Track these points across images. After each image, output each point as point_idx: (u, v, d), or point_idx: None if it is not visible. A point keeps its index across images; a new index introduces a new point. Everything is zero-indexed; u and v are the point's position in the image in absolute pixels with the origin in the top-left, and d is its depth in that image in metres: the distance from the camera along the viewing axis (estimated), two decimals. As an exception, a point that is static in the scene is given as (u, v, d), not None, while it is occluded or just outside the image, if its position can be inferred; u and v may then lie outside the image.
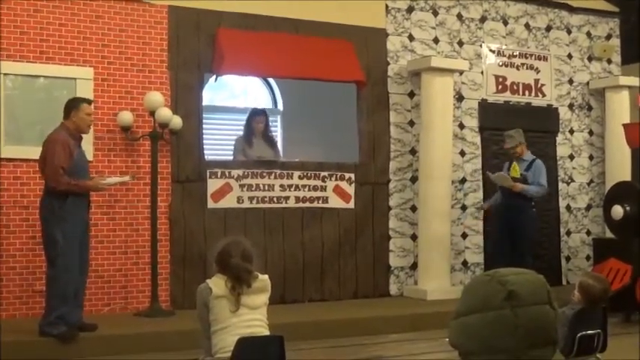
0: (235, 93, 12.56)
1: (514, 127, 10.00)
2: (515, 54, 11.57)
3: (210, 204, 9.36)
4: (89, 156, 8.44)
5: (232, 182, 9.46)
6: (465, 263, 10.95)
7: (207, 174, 9.36)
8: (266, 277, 4.83)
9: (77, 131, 7.62)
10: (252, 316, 4.70)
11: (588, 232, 12.04)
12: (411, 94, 10.70)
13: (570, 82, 12.05)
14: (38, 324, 7.46)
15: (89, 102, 7.88)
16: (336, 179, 10.08)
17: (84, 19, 8.80)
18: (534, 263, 9.60)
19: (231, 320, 4.62)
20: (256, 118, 10.03)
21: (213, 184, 9.38)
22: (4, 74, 8.42)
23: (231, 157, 9.98)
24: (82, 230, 7.59)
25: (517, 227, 9.81)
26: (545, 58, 11.83)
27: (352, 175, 10.19)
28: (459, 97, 11.02)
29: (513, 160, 10.02)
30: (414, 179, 10.61)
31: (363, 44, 10.37)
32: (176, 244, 9.13)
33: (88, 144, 8.41)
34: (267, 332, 4.77)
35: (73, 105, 7.66)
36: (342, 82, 10.20)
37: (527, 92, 11.64)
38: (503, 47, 11.49)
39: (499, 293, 2.03)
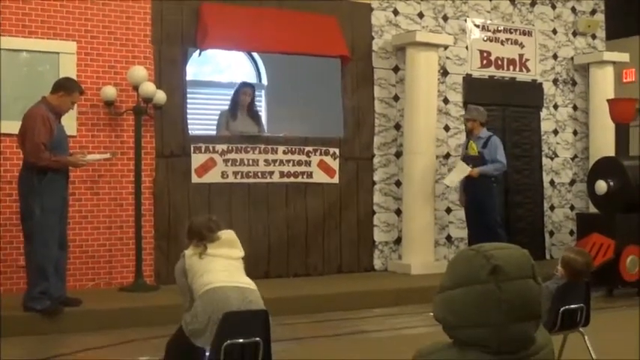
0: (220, 68, 12.50)
1: (499, 102, 9.99)
2: (499, 29, 11.55)
3: (195, 179, 9.33)
4: (73, 131, 8.40)
5: (216, 157, 9.43)
6: (448, 238, 10.98)
7: (192, 149, 9.32)
8: (231, 231, 5.15)
9: (57, 109, 7.55)
10: (227, 262, 4.93)
11: (572, 207, 12.10)
12: (396, 69, 10.68)
13: (555, 57, 12.06)
14: (22, 299, 7.44)
15: (82, 92, 7.83)
16: (320, 154, 10.06)
17: (66, -8, 8.71)
18: (511, 237, 9.66)
19: (208, 266, 4.85)
20: (244, 89, 9.98)
21: (197, 159, 9.35)
22: (-14, 48, 8.34)
23: (214, 132, 9.94)
24: (61, 205, 7.54)
25: (480, 205, 9.93)
26: (529, 33, 11.82)
27: (337, 150, 10.18)
28: (444, 72, 11.01)
29: (470, 138, 10.10)
30: (398, 154, 10.62)
31: (348, 19, 10.33)
32: (160, 219, 9.11)
33: (71, 119, 8.35)
34: (246, 278, 4.97)
35: (67, 86, 7.57)
36: (326, 56, 10.17)
37: (511, 67, 11.64)
38: (488, 22, 11.46)
39: (484, 268, 2.04)
